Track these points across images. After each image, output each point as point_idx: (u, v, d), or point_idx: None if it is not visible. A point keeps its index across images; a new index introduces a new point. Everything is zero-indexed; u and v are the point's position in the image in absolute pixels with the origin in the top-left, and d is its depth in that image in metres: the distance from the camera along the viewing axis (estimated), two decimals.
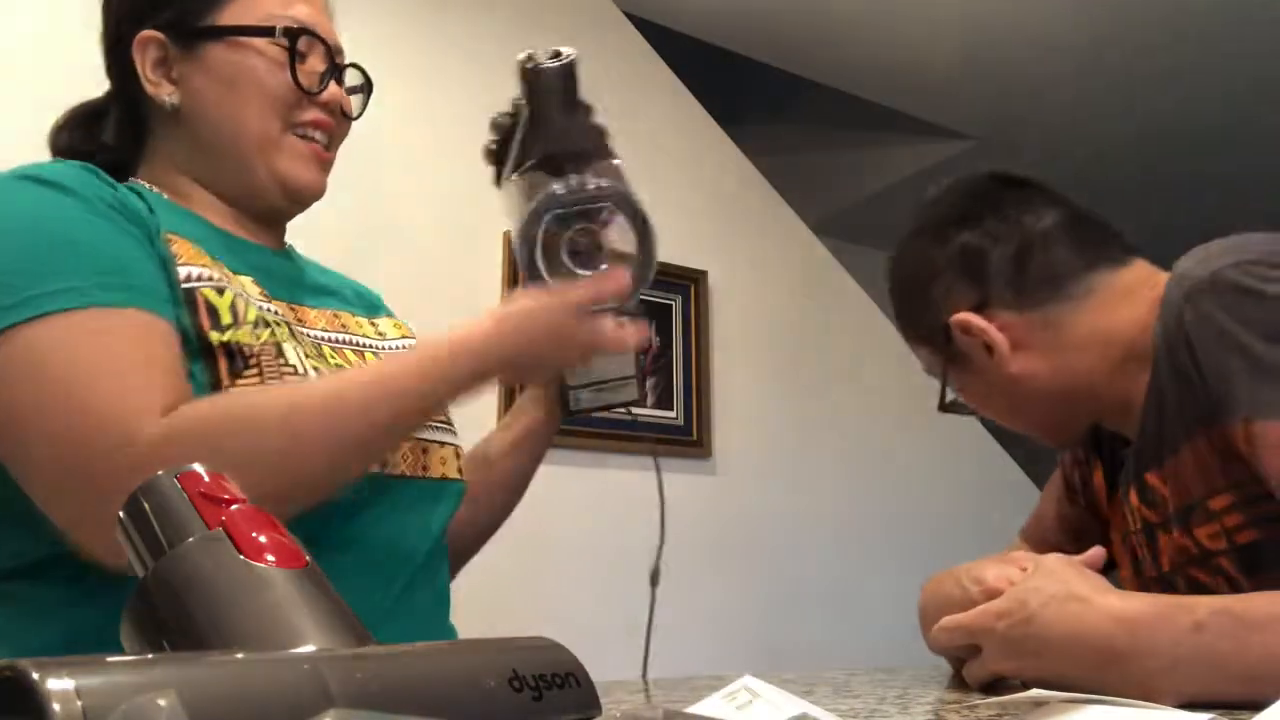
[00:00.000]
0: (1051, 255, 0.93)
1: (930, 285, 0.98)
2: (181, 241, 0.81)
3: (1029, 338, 0.93)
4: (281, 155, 0.89)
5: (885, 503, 2.80)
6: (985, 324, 0.94)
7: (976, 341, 0.95)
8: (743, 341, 2.66)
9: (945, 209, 1.00)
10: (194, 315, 0.77)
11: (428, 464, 0.89)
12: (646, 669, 1.04)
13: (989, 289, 0.94)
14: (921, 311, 1.00)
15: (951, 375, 1.00)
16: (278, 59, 0.89)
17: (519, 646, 0.40)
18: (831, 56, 3.13)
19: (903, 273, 1.03)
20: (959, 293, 0.96)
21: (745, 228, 2.75)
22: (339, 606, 0.38)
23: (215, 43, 0.88)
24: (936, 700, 0.68)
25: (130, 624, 0.37)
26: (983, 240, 0.95)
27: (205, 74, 0.88)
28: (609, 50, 2.63)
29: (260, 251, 0.92)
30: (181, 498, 0.40)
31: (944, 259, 0.97)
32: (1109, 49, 3.06)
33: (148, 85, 0.88)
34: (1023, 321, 0.93)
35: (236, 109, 0.88)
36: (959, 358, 0.97)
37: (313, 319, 0.90)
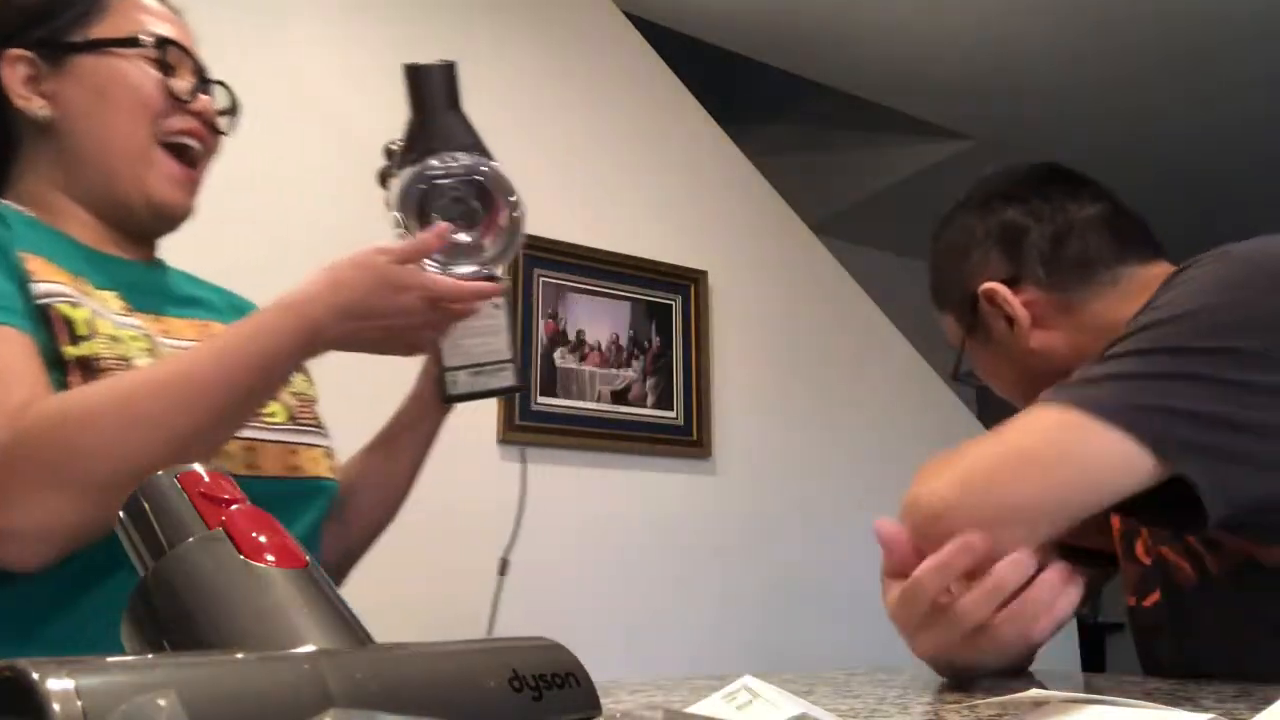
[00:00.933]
0: (1087, 242, 0.96)
1: (968, 254, 1.01)
2: (36, 259, 0.82)
3: (1050, 317, 0.96)
4: (150, 171, 0.91)
5: (885, 502, 2.79)
6: (1011, 296, 0.97)
7: (999, 313, 0.98)
8: (743, 341, 2.66)
9: (994, 185, 1.03)
10: (49, 330, 0.79)
11: (298, 464, 0.91)
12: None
13: (1022, 265, 0.97)
14: (954, 278, 1.03)
15: (969, 345, 1.04)
16: (147, 68, 0.90)
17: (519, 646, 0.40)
18: (831, 56, 3.13)
19: (944, 240, 1.06)
20: (993, 264, 0.99)
21: (745, 228, 2.75)
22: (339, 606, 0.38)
23: (85, 55, 0.89)
24: (936, 700, 0.68)
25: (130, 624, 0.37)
26: (1025, 218, 0.99)
27: (76, 85, 0.89)
28: (609, 50, 2.63)
29: (128, 266, 0.93)
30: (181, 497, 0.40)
31: (984, 230, 1.00)
32: (1109, 49, 3.06)
33: (18, 100, 0.89)
34: (1047, 300, 0.96)
35: (107, 116, 0.89)
36: (979, 328, 1.01)
37: (179, 329, 0.91)
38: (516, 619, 2.10)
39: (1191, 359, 0.75)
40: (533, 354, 2.29)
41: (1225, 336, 0.75)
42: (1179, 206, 3.89)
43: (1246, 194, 3.83)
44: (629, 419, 2.40)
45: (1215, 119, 3.42)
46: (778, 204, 2.86)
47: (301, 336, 0.81)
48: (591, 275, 2.42)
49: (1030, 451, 0.77)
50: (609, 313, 2.44)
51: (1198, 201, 3.86)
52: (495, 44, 2.44)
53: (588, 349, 2.38)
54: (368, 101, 2.22)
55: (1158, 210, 4.03)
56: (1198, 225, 4.13)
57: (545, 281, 2.34)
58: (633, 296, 2.47)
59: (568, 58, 2.55)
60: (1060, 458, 0.75)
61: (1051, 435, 0.76)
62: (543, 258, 2.33)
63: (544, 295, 2.33)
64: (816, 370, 2.79)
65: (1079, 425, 0.74)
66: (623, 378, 2.42)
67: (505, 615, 2.08)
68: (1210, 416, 0.72)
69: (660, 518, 2.40)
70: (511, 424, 2.21)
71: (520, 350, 0.98)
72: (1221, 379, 0.73)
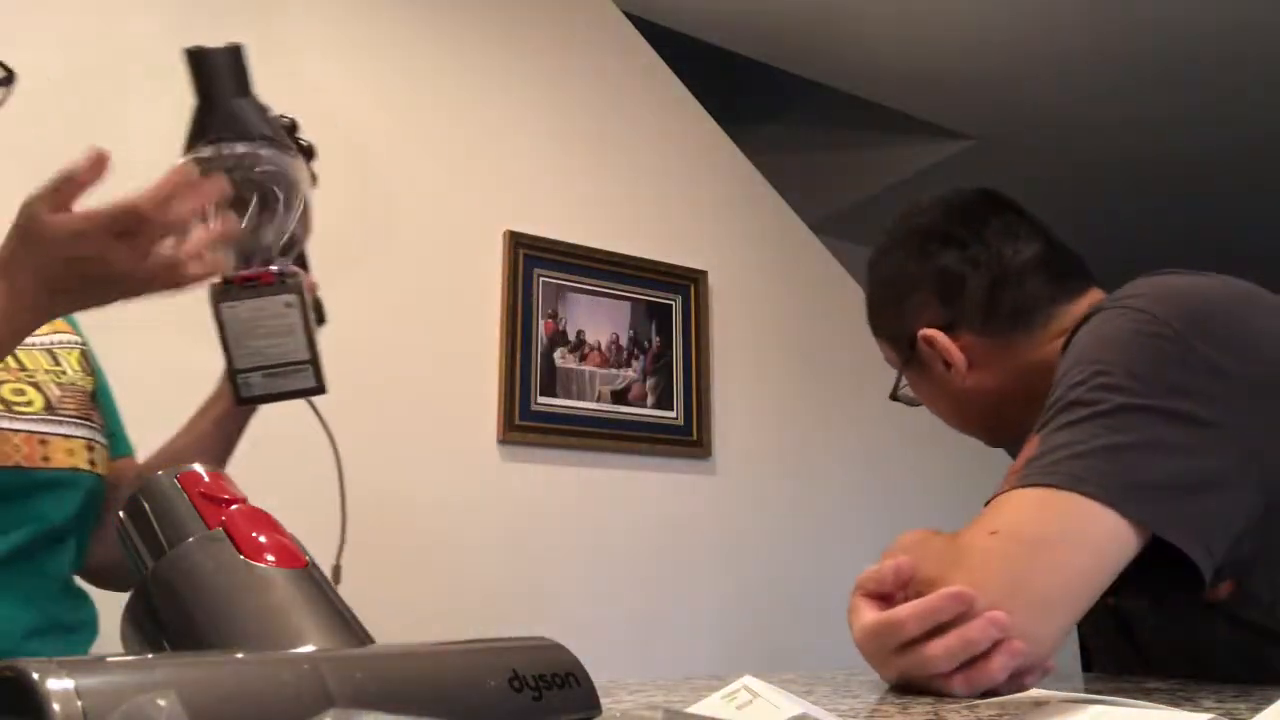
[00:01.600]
0: (1024, 288, 1.00)
1: (906, 296, 1.06)
2: None
3: (985, 358, 1.01)
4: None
5: (885, 502, 2.80)
6: (950, 344, 1.01)
7: (937, 354, 1.02)
8: (743, 341, 2.66)
9: (931, 222, 1.06)
10: None
11: (48, 455, 0.91)
12: None
13: (960, 313, 1.01)
14: (893, 316, 1.08)
15: (907, 374, 1.10)
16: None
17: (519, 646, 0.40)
18: (832, 56, 3.13)
19: (880, 277, 1.11)
20: (931, 309, 1.03)
21: (745, 228, 2.75)
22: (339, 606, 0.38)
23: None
24: (936, 700, 0.68)
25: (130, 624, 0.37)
26: (962, 265, 1.01)
27: None
28: (609, 50, 2.63)
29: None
30: (181, 498, 0.40)
31: (923, 275, 1.04)
32: (1109, 50, 3.06)
33: None
34: (984, 344, 1.01)
35: None
36: (917, 362, 1.06)
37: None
38: (516, 619, 2.10)
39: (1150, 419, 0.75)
40: (533, 353, 2.29)
41: (1168, 396, 0.76)
42: (1176, 207, 3.89)
43: (1245, 194, 3.83)
44: (629, 419, 2.40)
45: (1215, 120, 3.42)
46: (778, 204, 2.86)
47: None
48: (591, 275, 2.41)
49: (1039, 540, 0.74)
50: (609, 313, 2.44)
51: (1195, 202, 3.86)
52: (495, 44, 2.44)
53: (588, 349, 2.38)
54: (367, 101, 2.22)
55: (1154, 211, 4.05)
56: (1196, 226, 4.14)
57: (545, 281, 2.34)
58: (633, 296, 2.47)
59: (568, 58, 2.54)
60: (1072, 544, 0.74)
61: (1054, 522, 0.75)
62: (543, 258, 2.33)
63: (544, 295, 2.33)
64: (816, 370, 2.79)
65: (1076, 509, 0.73)
66: (623, 378, 2.42)
67: (505, 615, 2.08)
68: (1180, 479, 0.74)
69: (660, 518, 2.40)
70: (511, 424, 2.21)
71: (317, 350, 0.93)
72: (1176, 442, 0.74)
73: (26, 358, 0.96)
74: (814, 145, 3.87)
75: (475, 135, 2.33)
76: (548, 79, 2.49)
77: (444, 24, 2.37)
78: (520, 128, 2.39)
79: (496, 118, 2.38)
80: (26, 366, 0.94)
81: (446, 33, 2.37)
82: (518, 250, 2.30)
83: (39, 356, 0.97)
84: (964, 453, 3.08)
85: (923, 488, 2.88)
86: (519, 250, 2.30)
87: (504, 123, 2.38)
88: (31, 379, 0.94)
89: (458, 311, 2.22)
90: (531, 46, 2.49)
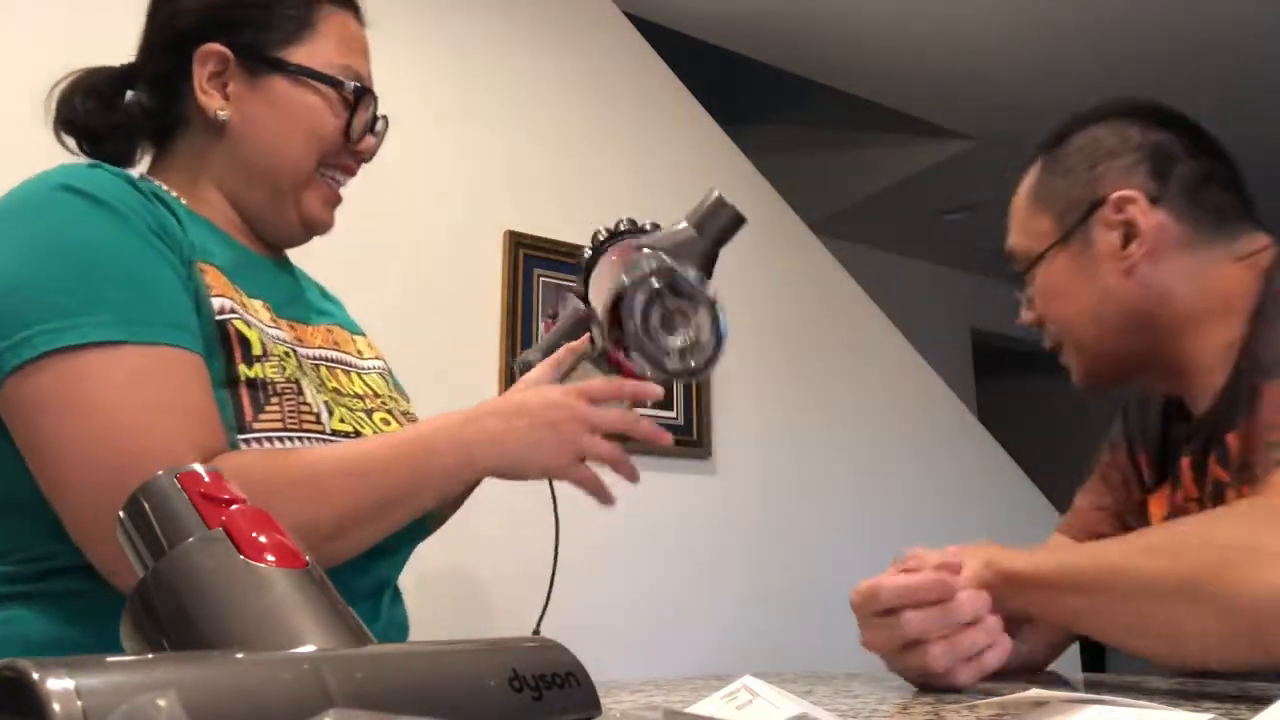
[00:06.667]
0: (1225, 195, 0.95)
1: (1105, 160, 0.96)
2: (213, 271, 0.83)
3: (1167, 250, 0.93)
4: (309, 195, 0.94)
5: (885, 502, 2.80)
6: (1147, 210, 0.92)
7: (1118, 225, 0.93)
8: (742, 342, 2.66)
9: (1144, 106, 1.00)
10: (225, 346, 0.80)
11: None
12: None
13: (1166, 189, 0.94)
14: (1082, 176, 0.97)
15: (1057, 253, 0.98)
16: (336, 107, 0.93)
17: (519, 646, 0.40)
18: (832, 56, 3.13)
19: (1079, 138, 1.00)
20: (1136, 177, 0.94)
21: (745, 228, 2.75)
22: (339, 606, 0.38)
23: (282, 75, 0.91)
24: (936, 700, 0.68)
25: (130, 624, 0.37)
26: (1176, 147, 0.96)
27: (265, 101, 0.91)
28: (609, 50, 2.63)
29: (267, 268, 0.95)
30: (181, 498, 0.40)
31: (1139, 140, 0.96)
32: (1109, 50, 3.06)
33: (200, 95, 0.90)
34: (1176, 232, 0.93)
35: (285, 140, 0.91)
36: (1082, 236, 0.96)
37: (310, 336, 0.93)
38: (516, 619, 2.10)
39: None
40: None
41: None
42: None
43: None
44: None
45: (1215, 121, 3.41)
46: (778, 204, 2.86)
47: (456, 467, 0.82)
48: None
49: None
50: None
51: None
52: (495, 44, 2.44)
53: None
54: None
55: None
56: None
57: (545, 281, 2.34)
58: None
59: (568, 57, 2.55)
60: None
61: None
62: (543, 258, 2.33)
63: (544, 295, 2.33)
64: (816, 370, 2.80)
65: None
66: None
67: (504, 615, 2.08)
68: None
69: (660, 518, 2.40)
70: None
71: None
72: None
73: (374, 382, 0.96)
74: (814, 145, 3.87)
75: (475, 135, 2.33)
76: (548, 78, 2.49)
77: (444, 24, 2.38)
78: (520, 127, 2.38)
79: (497, 118, 2.38)
80: (379, 393, 0.95)
81: (446, 33, 2.37)
82: (518, 250, 2.30)
83: (378, 381, 0.98)
84: (964, 453, 3.08)
85: (923, 488, 2.89)
86: (519, 250, 2.30)
87: (504, 122, 2.38)
88: (385, 406, 0.95)
89: (458, 311, 2.22)
90: (532, 46, 2.49)
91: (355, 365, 0.96)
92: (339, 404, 0.87)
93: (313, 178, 0.93)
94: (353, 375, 0.94)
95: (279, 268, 0.99)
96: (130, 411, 0.73)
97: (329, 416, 0.84)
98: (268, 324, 0.85)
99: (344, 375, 0.93)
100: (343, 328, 1.00)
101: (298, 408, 0.81)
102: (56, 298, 0.74)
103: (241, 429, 0.78)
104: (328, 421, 0.83)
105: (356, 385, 0.93)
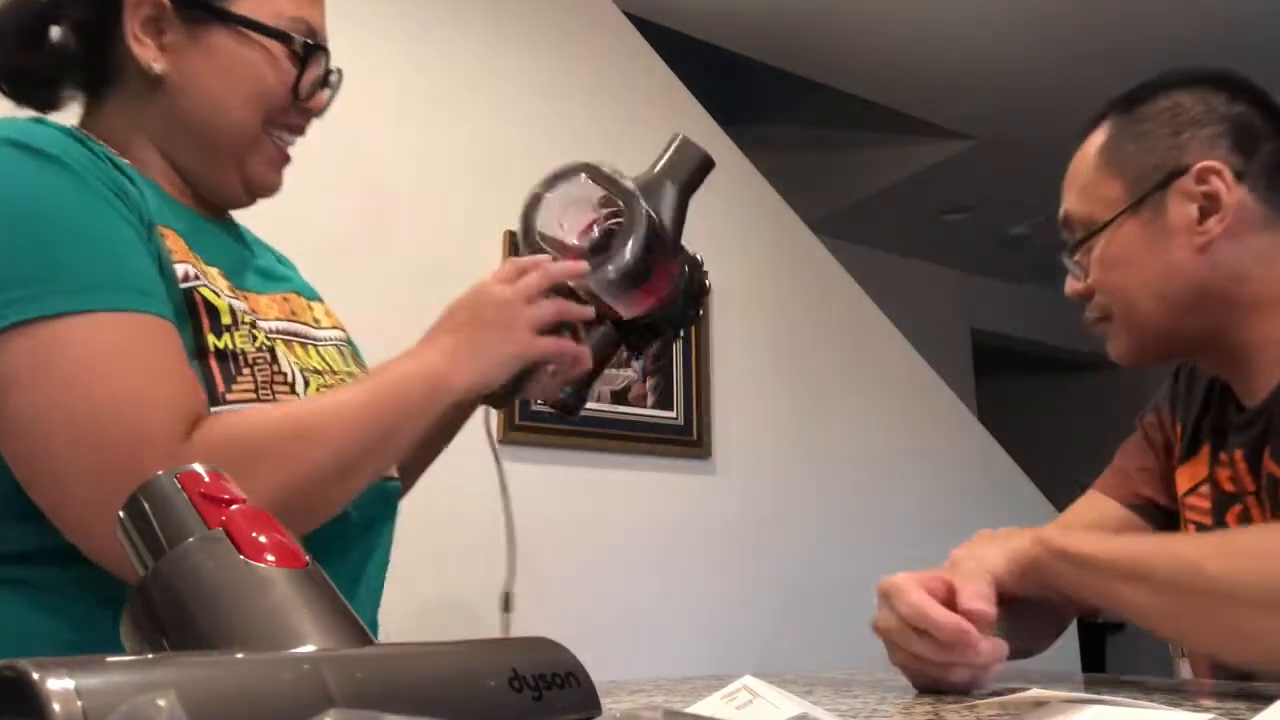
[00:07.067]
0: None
1: (1189, 128, 0.92)
2: (173, 235, 0.78)
3: (1244, 229, 0.89)
4: (254, 156, 0.87)
5: (885, 502, 2.80)
6: (1231, 184, 0.88)
7: (1197, 196, 0.89)
8: (742, 341, 2.66)
9: (1228, 77, 0.95)
10: (193, 316, 0.75)
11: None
12: None
13: (1250, 166, 0.90)
14: (1162, 142, 0.92)
15: (1126, 220, 0.93)
16: (283, 63, 0.85)
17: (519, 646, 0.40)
18: (831, 56, 3.13)
19: (1165, 97, 0.95)
20: (1220, 150, 0.90)
21: (745, 228, 2.75)
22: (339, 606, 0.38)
23: (224, 27, 0.83)
24: (936, 700, 0.68)
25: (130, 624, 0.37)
26: (1261, 123, 0.92)
27: (205, 55, 0.83)
28: (609, 50, 2.63)
29: (216, 233, 0.89)
30: (181, 498, 0.40)
31: (1224, 111, 0.92)
32: (1109, 50, 3.06)
33: (133, 43, 0.82)
34: (1256, 210, 0.89)
35: (226, 98, 0.84)
36: (1154, 205, 0.91)
37: (265, 308, 0.87)
38: (516, 619, 2.10)
39: None
40: None
41: None
42: None
43: None
44: (629, 419, 2.40)
45: None
46: (778, 204, 2.86)
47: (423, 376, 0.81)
48: None
49: None
50: None
51: None
52: (495, 43, 2.44)
53: None
54: (366, 102, 2.22)
55: None
56: None
57: None
58: None
59: (567, 57, 2.55)
60: None
61: None
62: None
63: None
64: (816, 370, 2.80)
65: None
66: (622, 378, 2.42)
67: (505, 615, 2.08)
68: None
69: (660, 518, 2.40)
70: (511, 424, 2.21)
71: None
72: None
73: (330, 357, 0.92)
74: (814, 145, 3.87)
75: (475, 135, 2.33)
76: (548, 78, 2.49)
77: (444, 24, 2.38)
78: (520, 127, 2.38)
79: (497, 117, 2.38)
80: (337, 369, 0.90)
81: (446, 33, 2.37)
82: (517, 250, 2.30)
83: (334, 355, 0.93)
84: (964, 452, 3.08)
85: (922, 488, 2.89)
86: (519, 250, 2.30)
87: (504, 122, 2.38)
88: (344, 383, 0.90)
89: None
90: (532, 46, 2.49)
91: (312, 337, 0.91)
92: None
93: (258, 139, 0.86)
94: (309, 349, 0.89)
95: (227, 232, 0.91)
96: (112, 384, 0.68)
97: (305, 387, 0.81)
98: (227, 293, 0.80)
99: (300, 349, 0.87)
100: (299, 294, 0.94)
101: (271, 377, 0.78)
102: (15, 265, 0.69)
103: (214, 401, 0.74)
104: (303, 391, 0.81)
105: (314, 360, 0.88)
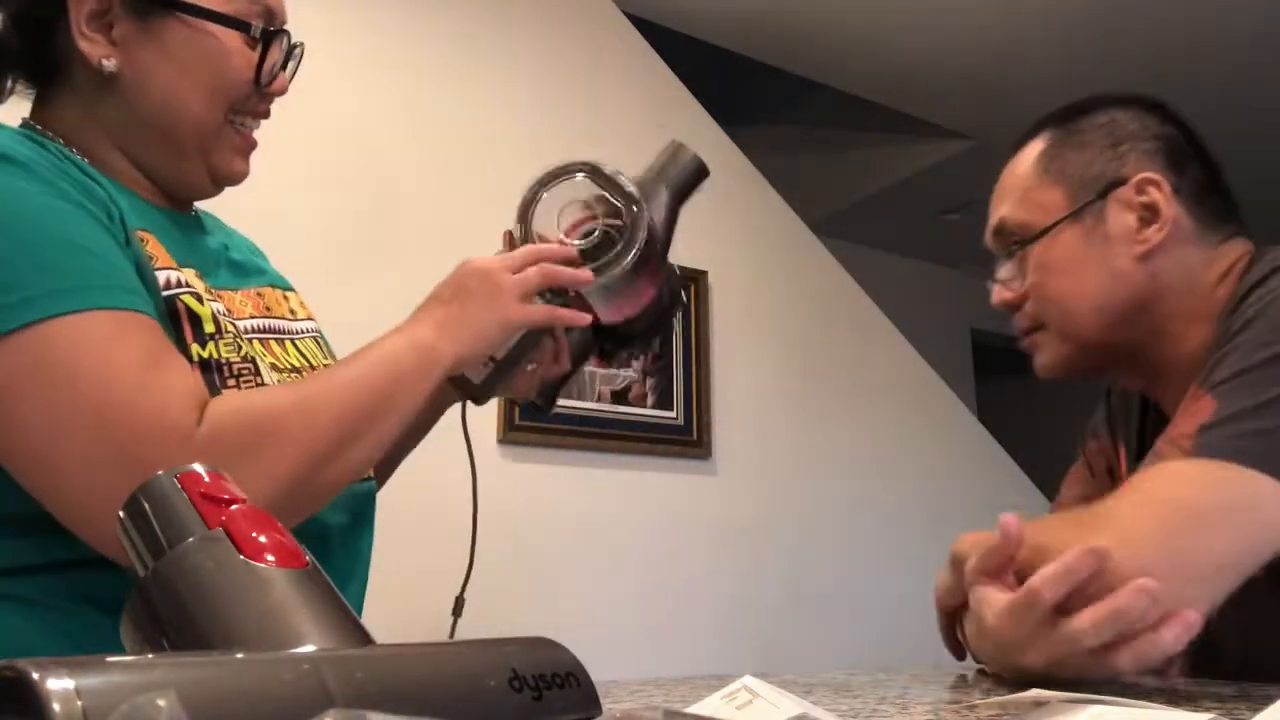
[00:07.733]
0: (1222, 201, 0.96)
1: (1126, 142, 0.96)
2: (153, 241, 0.76)
3: (1177, 246, 0.92)
4: (219, 147, 0.83)
5: (885, 502, 2.80)
6: (1169, 197, 0.92)
7: (1135, 208, 0.93)
8: (742, 341, 2.66)
9: (1156, 105, 1.00)
10: (175, 325, 0.74)
11: None
12: None
13: (1182, 183, 0.94)
14: (1102, 153, 0.96)
15: (1068, 227, 0.95)
16: (241, 52, 0.82)
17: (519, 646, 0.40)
18: (831, 56, 3.13)
19: (1093, 122, 1.00)
20: (1155, 164, 0.94)
21: (745, 228, 2.75)
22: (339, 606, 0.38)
23: (177, 17, 0.78)
24: (936, 700, 0.68)
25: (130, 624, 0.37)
26: (1189, 146, 0.97)
27: (158, 49, 0.79)
28: (609, 50, 2.63)
29: (184, 228, 0.86)
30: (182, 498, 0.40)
31: (1157, 130, 0.97)
32: (1109, 50, 3.06)
33: (80, 40, 0.77)
34: (1186, 230, 0.93)
35: (184, 92, 0.80)
36: (1096, 213, 0.94)
37: (240, 306, 0.84)
38: (516, 619, 2.10)
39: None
40: None
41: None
42: None
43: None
44: (629, 419, 2.40)
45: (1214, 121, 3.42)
46: (778, 204, 2.86)
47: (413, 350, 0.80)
48: None
49: (1207, 507, 0.74)
50: None
51: None
52: (495, 44, 2.44)
53: None
54: (366, 102, 2.23)
55: None
56: None
57: None
58: None
59: (568, 57, 2.55)
60: (1241, 517, 0.74)
61: (1219, 490, 0.74)
62: None
63: None
64: (816, 370, 2.80)
65: (1253, 486, 0.72)
66: (623, 378, 2.42)
67: (505, 615, 2.08)
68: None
69: (660, 518, 2.40)
70: (512, 424, 2.21)
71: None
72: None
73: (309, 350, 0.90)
74: (814, 145, 3.87)
75: (475, 135, 2.33)
76: (548, 78, 2.49)
77: (444, 25, 2.38)
78: (520, 127, 2.38)
79: (497, 117, 2.38)
80: (315, 364, 0.88)
81: (447, 34, 2.37)
82: None
83: (312, 347, 0.91)
84: (963, 451, 3.08)
85: (923, 487, 2.89)
86: None
87: (504, 122, 2.38)
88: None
89: None
90: (532, 46, 2.49)
91: (289, 331, 0.89)
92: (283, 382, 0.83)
93: (221, 130, 0.82)
94: (287, 344, 0.87)
95: (195, 226, 0.89)
96: (119, 375, 0.67)
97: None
98: (207, 296, 0.78)
99: (277, 346, 0.85)
100: (274, 287, 0.92)
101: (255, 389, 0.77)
102: (2, 271, 0.67)
103: None
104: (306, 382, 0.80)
105: (292, 356, 0.86)
